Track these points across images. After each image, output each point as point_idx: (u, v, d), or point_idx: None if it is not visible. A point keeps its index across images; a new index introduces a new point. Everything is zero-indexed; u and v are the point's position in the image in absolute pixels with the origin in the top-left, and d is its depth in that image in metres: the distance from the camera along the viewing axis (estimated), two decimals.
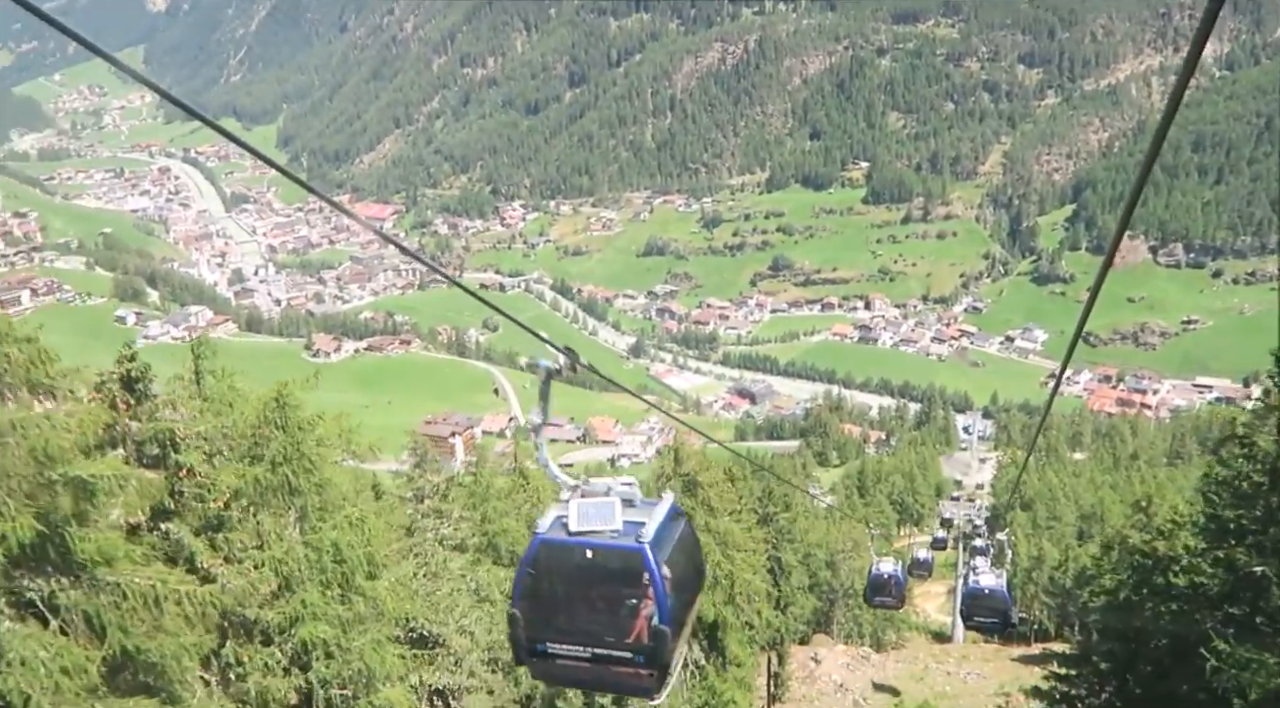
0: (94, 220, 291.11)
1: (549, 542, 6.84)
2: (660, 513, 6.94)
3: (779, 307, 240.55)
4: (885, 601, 29.38)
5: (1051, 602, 53.05)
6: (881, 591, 28.54)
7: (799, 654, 40.89)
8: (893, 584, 28.43)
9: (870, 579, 28.73)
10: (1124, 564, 24.94)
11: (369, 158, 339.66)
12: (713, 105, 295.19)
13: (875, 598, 29.12)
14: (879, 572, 28.35)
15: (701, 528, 26.31)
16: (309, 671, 13.38)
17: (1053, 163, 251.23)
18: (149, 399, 13.17)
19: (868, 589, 29.01)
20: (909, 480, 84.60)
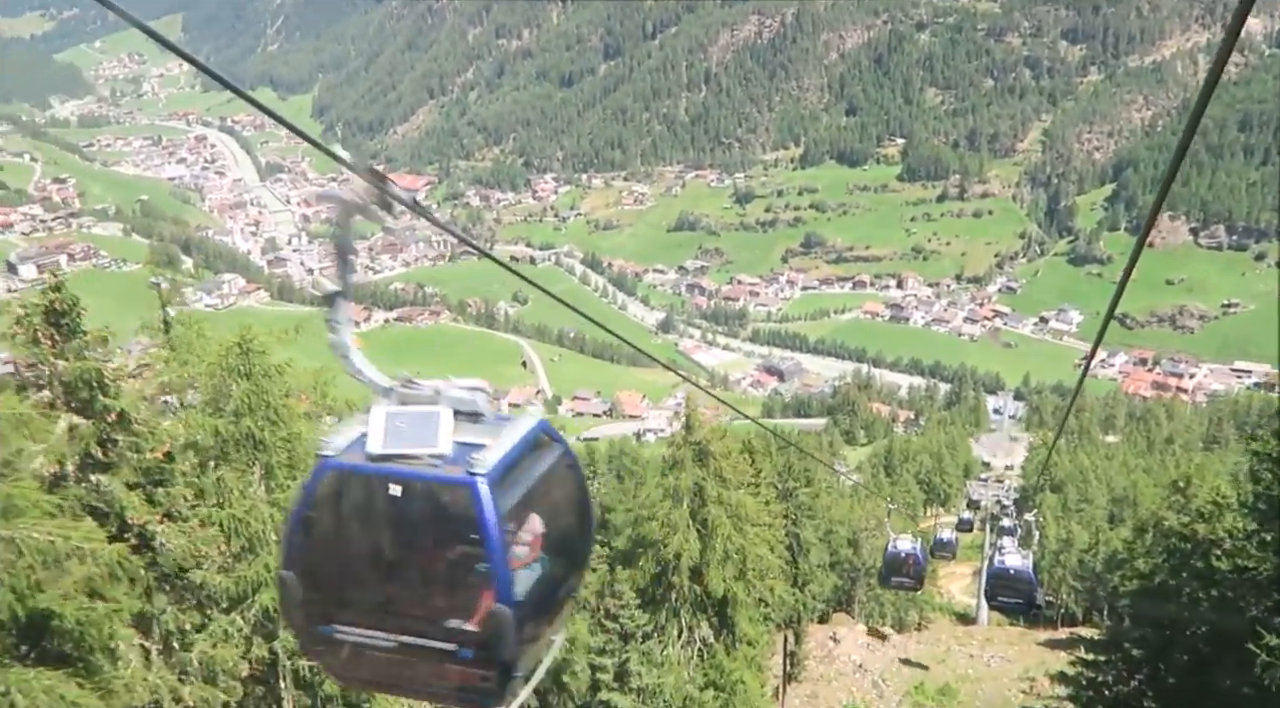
0: (131, 187, 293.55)
1: (339, 470, 4.48)
2: (514, 435, 4.57)
3: (810, 284, 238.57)
4: (902, 581, 26.99)
5: (1080, 586, 51.70)
6: (898, 570, 26.26)
7: (817, 634, 40.00)
8: (911, 564, 26.09)
9: (886, 558, 26.68)
10: (1159, 547, 23.91)
11: (403, 129, 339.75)
12: (748, 79, 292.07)
13: (892, 578, 26.87)
14: (896, 550, 26.28)
15: (713, 500, 25.66)
16: (274, 639, 12.61)
17: (1093, 141, 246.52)
18: (77, 336, 11.88)
19: (883, 569, 27.04)
20: (937, 460, 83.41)
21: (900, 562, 26.55)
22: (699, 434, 26.32)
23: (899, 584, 28.26)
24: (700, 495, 25.89)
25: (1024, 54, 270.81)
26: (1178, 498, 27.44)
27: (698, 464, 26.06)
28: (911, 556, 26.60)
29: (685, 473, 25.83)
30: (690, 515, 25.79)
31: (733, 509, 26.30)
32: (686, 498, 25.91)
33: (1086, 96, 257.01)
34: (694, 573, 25.99)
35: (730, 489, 26.60)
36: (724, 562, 25.81)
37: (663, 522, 25.53)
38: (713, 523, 25.46)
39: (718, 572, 25.59)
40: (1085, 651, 21.45)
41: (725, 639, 27.04)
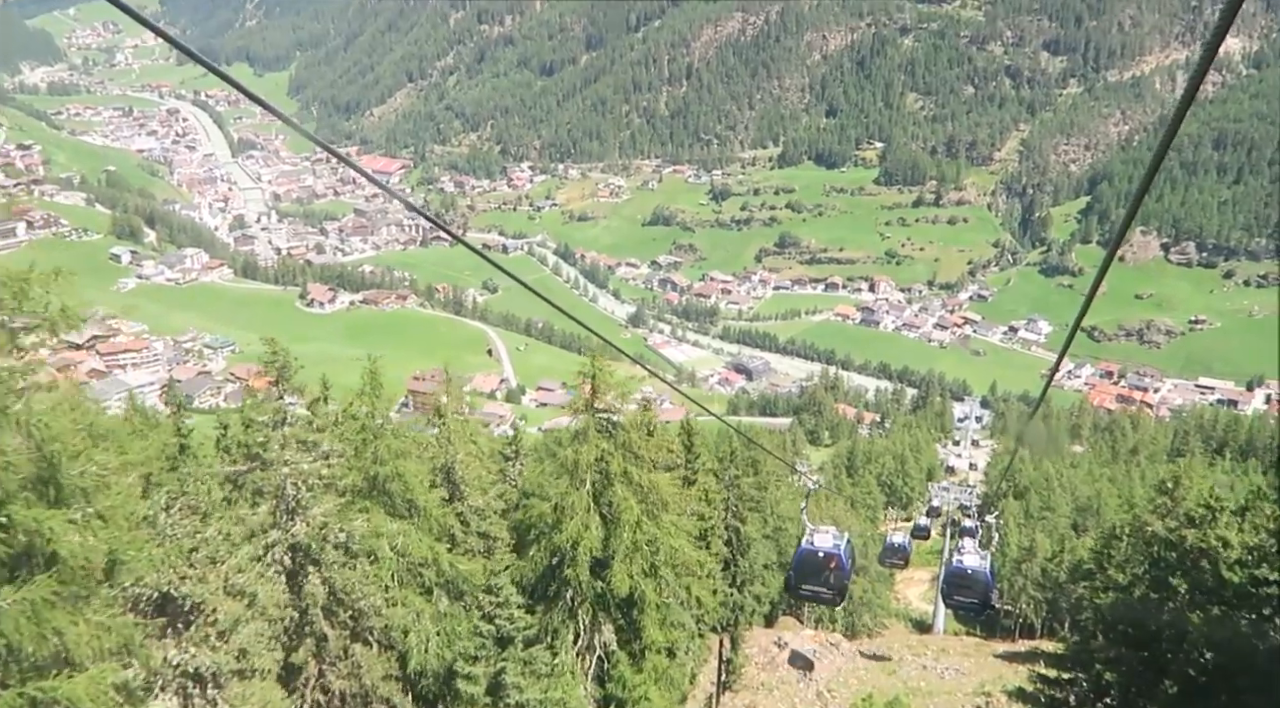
0: (99, 157, 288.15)
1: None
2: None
3: (782, 284, 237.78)
4: (818, 592, 27.48)
5: (1041, 596, 50.02)
6: (814, 575, 26.97)
7: (762, 638, 37.94)
8: (833, 567, 27.59)
9: (798, 557, 27.82)
10: (1139, 556, 22.01)
11: (379, 111, 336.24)
12: (729, 76, 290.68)
13: (802, 587, 27.29)
14: (811, 547, 27.95)
15: (620, 479, 21.63)
16: None
17: (1070, 153, 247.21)
18: None
19: (791, 573, 27.26)
20: (900, 462, 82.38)
21: (817, 564, 19.06)
22: (606, 399, 21.93)
23: (812, 595, 20.17)
24: (605, 474, 21.69)
25: (1005, 63, 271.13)
26: (1164, 501, 25.24)
27: (604, 436, 21.88)
28: (834, 557, 19.25)
29: (587, 446, 21.49)
30: (593, 498, 21.70)
31: (643, 492, 22.22)
32: (588, 476, 21.61)
33: (1065, 108, 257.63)
34: (597, 567, 21.83)
35: (643, 468, 22.44)
36: (632, 554, 21.57)
37: (556, 503, 21.47)
38: (618, 507, 21.33)
39: (623, 566, 21.36)
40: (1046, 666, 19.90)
41: (632, 647, 22.90)
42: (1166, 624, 14.51)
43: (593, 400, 22.04)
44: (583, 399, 22.15)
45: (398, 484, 21.51)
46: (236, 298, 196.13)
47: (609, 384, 22.02)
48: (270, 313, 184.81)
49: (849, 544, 17.91)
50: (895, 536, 33.45)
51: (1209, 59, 3.28)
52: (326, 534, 18.00)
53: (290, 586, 17.93)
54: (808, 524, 17.60)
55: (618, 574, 21.26)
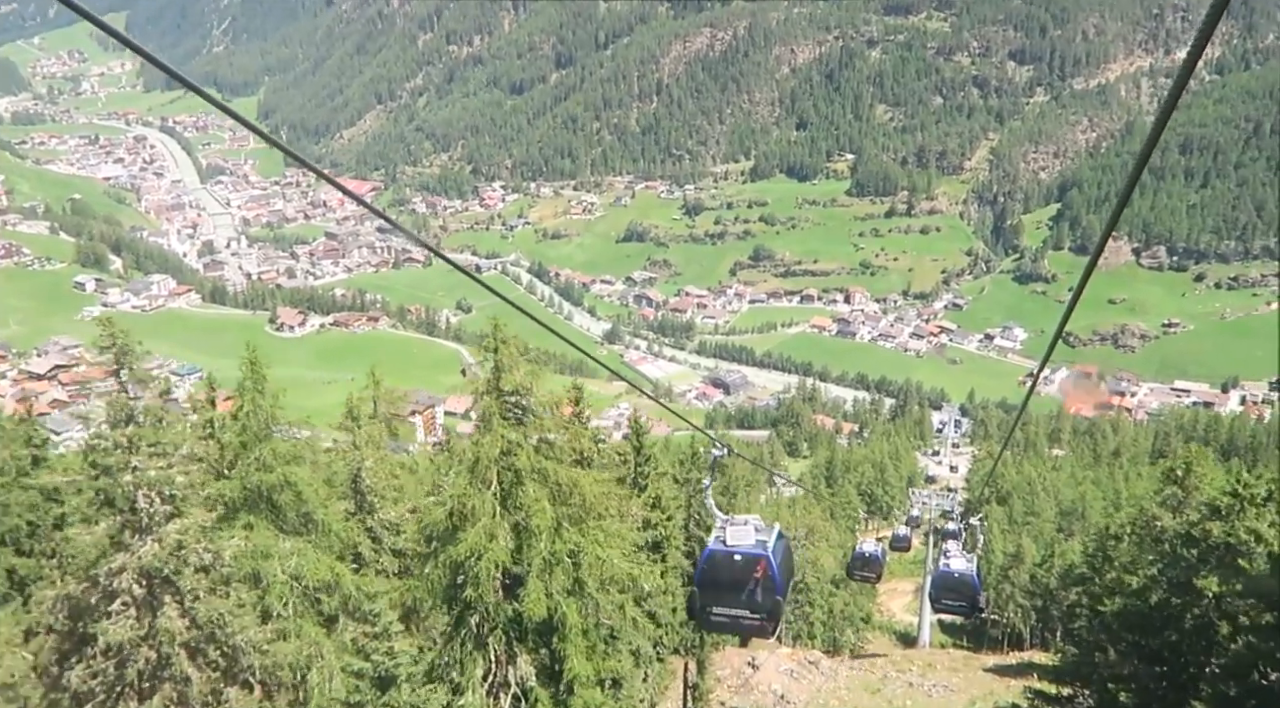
0: (64, 186, 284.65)
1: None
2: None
3: (758, 297, 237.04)
4: (736, 622, 27.62)
5: (1030, 604, 48.51)
6: (726, 594, 27.25)
7: (734, 658, 35.84)
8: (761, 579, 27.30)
9: (701, 564, 27.69)
10: (1149, 555, 19.98)
11: (349, 133, 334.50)
12: (699, 91, 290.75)
13: (711, 613, 27.46)
14: (723, 549, 27.52)
15: (531, 476, 17.85)
16: None
17: (1039, 161, 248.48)
18: None
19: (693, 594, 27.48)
20: (879, 471, 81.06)
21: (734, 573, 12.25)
22: (514, 379, 17.75)
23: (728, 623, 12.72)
24: (515, 471, 17.82)
25: (972, 73, 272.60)
26: (1173, 492, 22.66)
27: (511, 424, 17.87)
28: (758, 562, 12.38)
29: (491, 437, 17.59)
30: (501, 500, 17.90)
31: (565, 494, 18.34)
32: (494, 474, 17.81)
33: (1033, 117, 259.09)
34: (512, 586, 18.36)
35: (560, 461, 18.67)
36: (549, 569, 17.77)
37: (453, 508, 17.64)
38: (530, 511, 17.56)
39: (539, 584, 17.60)
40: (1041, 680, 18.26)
41: (554, 686, 18.78)
42: (1190, 633, 12.60)
43: (497, 381, 17.81)
44: (484, 379, 18.03)
45: (288, 495, 18.81)
46: (204, 324, 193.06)
47: (516, 360, 17.90)
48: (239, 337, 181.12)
49: (782, 542, 11.89)
50: (865, 544, 30.58)
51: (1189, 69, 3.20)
52: (186, 556, 15.26)
53: (140, 619, 15.19)
54: (716, 513, 11.69)
55: (532, 594, 17.45)
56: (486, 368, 18.02)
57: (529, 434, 18.10)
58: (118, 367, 15.92)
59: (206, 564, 15.54)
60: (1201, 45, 3.00)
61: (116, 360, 15.90)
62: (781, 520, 46.09)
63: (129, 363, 15.99)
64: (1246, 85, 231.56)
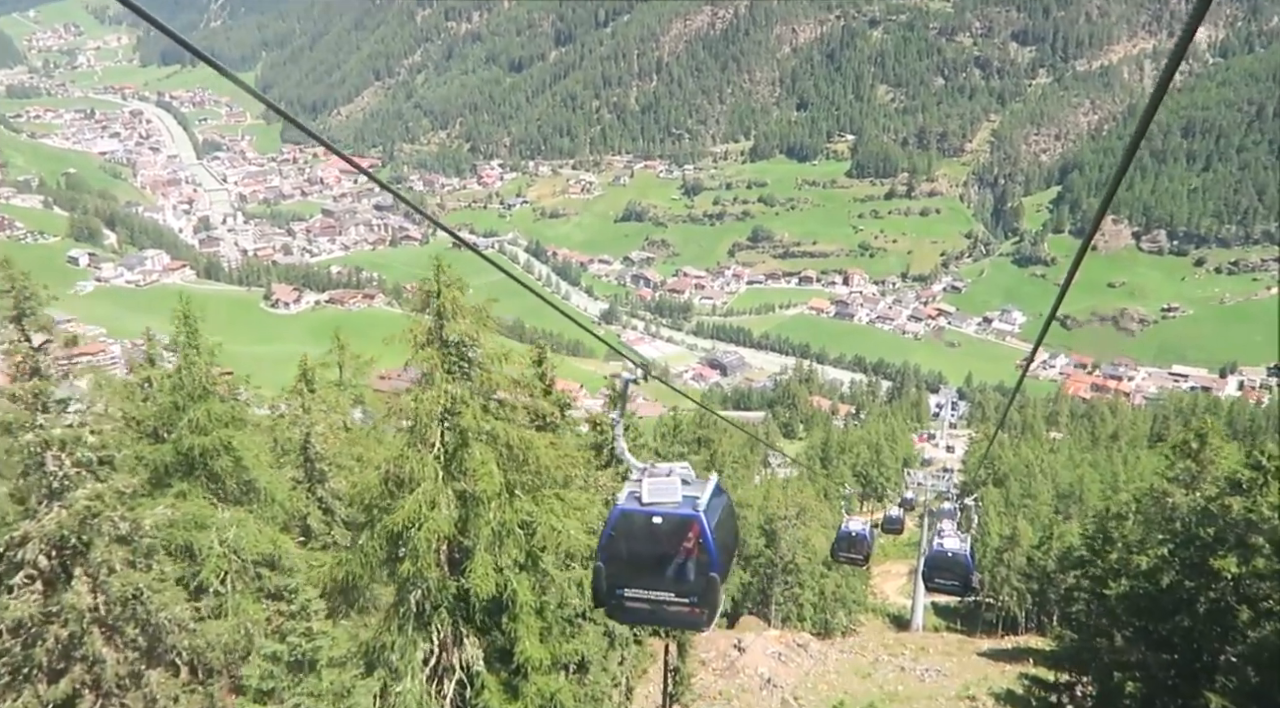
0: (59, 160, 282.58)
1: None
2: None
3: (756, 278, 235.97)
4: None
5: (1025, 587, 47.54)
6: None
7: (720, 641, 34.69)
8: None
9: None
10: (1159, 534, 18.71)
11: (346, 110, 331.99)
12: (700, 70, 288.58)
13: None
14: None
15: (476, 436, 15.88)
16: None
17: (1041, 143, 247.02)
18: None
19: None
20: (875, 452, 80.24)
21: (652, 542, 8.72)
22: (458, 327, 15.66)
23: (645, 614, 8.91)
24: (459, 431, 15.80)
25: (974, 54, 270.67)
26: (1186, 467, 20.96)
27: (456, 378, 15.81)
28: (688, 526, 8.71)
29: (433, 392, 15.65)
30: (444, 464, 15.88)
31: (517, 458, 16.18)
32: (436, 433, 15.83)
33: (1035, 98, 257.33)
34: (458, 559, 16.47)
35: (509, 419, 16.48)
36: (498, 541, 15.80)
37: (388, 472, 15.67)
38: (476, 476, 15.52)
39: (487, 557, 15.61)
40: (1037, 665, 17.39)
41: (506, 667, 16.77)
42: (1205, 618, 11.51)
43: (439, 329, 15.69)
44: (425, 328, 15.88)
45: (225, 460, 17.38)
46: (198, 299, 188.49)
47: (461, 307, 15.78)
48: (233, 314, 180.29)
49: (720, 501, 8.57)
50: (852, 524, 27.80)
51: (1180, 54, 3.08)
52: (100, 524, 13.67)
53: (48, 595, 13.69)
54: (630, 461, 8.51)
55: (479, 568, 15.44)
56: (428, 315, 15.94)
57: (476, 391, 16.11)
58: (18, 313, 14.21)
59: (124, 534, 13.95)
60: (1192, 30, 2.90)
61: (16, 306, 14.16)
62: (774, 500, 45.23)
63: (30, 309, 14.27)
64: (1250, 68, 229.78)
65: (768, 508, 43.65)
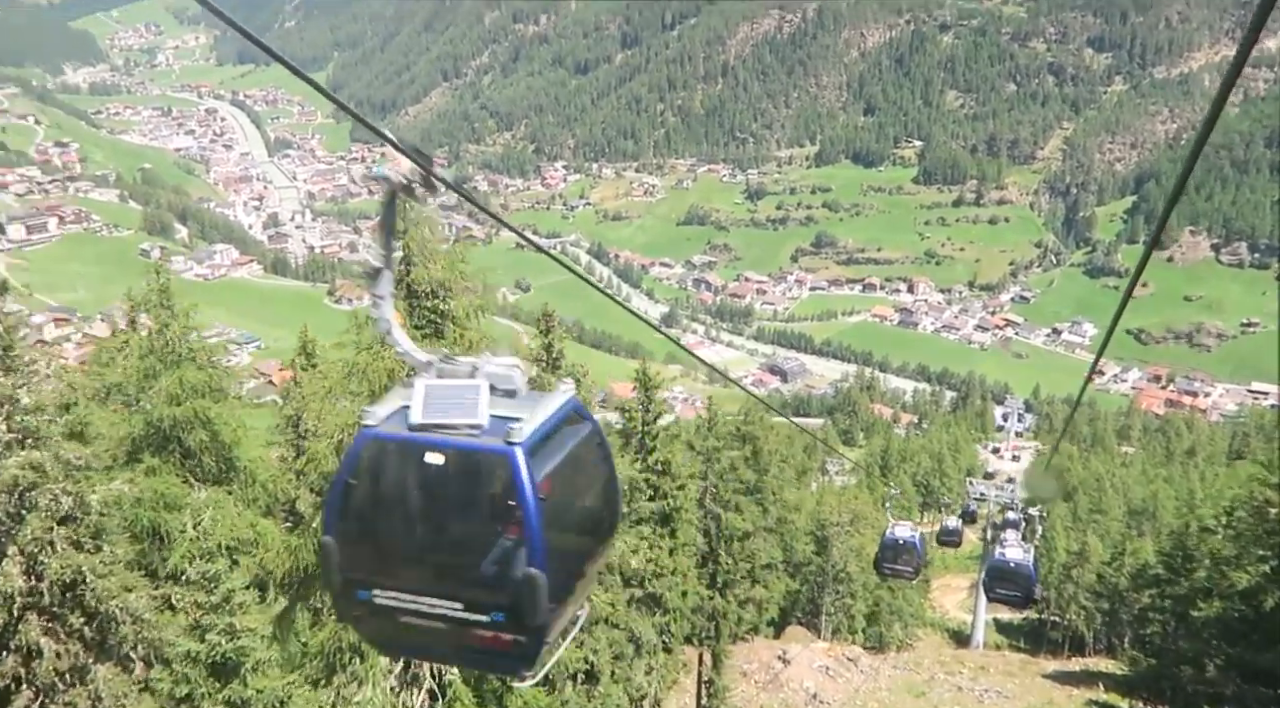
0: (136, 156, 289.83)
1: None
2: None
3: (818, 284, 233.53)
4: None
5: (1094, 605, 45.03)
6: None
7: (763, 652, 32.72)
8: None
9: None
10: (1255, 549, 16.91)
11: (414, 110, 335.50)
12: (766, 74, 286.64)
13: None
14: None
15: None
16: None
17: (1115, 152, 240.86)
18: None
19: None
20: (937, 461, 78.05)
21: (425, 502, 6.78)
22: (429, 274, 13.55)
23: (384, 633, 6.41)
24: None
25: (1048, 60, 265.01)
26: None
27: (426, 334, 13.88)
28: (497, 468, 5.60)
29: None
30: None
31: None
32: None
33: (1110, 106, 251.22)
34: None
35: None
36: None
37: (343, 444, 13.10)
38: None
39: None
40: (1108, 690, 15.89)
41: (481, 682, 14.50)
42: None
43: (407, 275, 13.79)
44: None
45: (200, 434, 15.89)
46: (264, 294, 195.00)
47: (433, 252, 13.73)
48: (297, 308, 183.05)
49: (571, 431, 4.93)
50: (899, 529, 24.31)
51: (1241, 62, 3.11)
52: (35, 498, 12.20)
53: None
54: (406, 348, 5.00)
55: None
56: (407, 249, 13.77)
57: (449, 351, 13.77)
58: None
59: (66, 511, 12.52)
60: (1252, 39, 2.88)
61: None
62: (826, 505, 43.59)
63: None
64: None
65: (820, 513, 42.12)
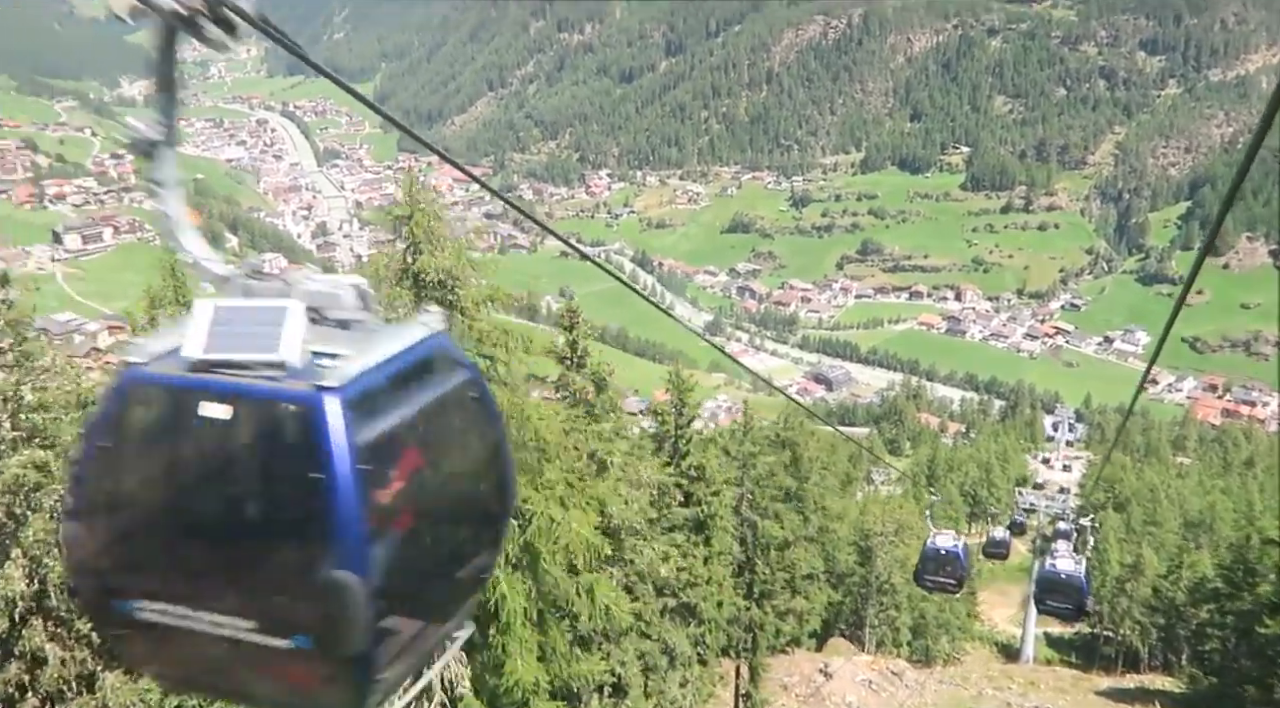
0: (189, 166, 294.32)
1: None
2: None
3: (864, 292, 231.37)
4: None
5: (1149, 620, 43.60)
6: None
7: (804, 664, 31.96)
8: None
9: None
10: None
11: (460, 119, 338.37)
12: (811, 80, 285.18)
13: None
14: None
15: None
16: None
17: (1169, 156, 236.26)
18: None
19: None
20: (985, 471, 76.54)
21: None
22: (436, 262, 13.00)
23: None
24: None
25: (1099, 64, 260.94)
26: None
27: None
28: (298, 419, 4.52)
29: None
30: None
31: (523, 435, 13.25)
32: None
33: (1164, 110, 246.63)
34: None
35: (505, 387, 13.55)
36: None
37: None
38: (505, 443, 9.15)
39: None
40: None
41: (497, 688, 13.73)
42: None
43: (412, 263, 13.02)
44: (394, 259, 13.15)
45: None
46: None
47: (440, 237, 13.10)
48: None
49: (430, 382, 3.40)
50: (941, 538, 23.23)
51: None
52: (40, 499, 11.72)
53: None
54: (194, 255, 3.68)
55: None
56: (398, 245, 13.04)
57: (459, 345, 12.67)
58: None
59: None
60: None
61: None
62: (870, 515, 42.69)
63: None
64: None
65: (864, 523, 41.13)
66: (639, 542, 17.76)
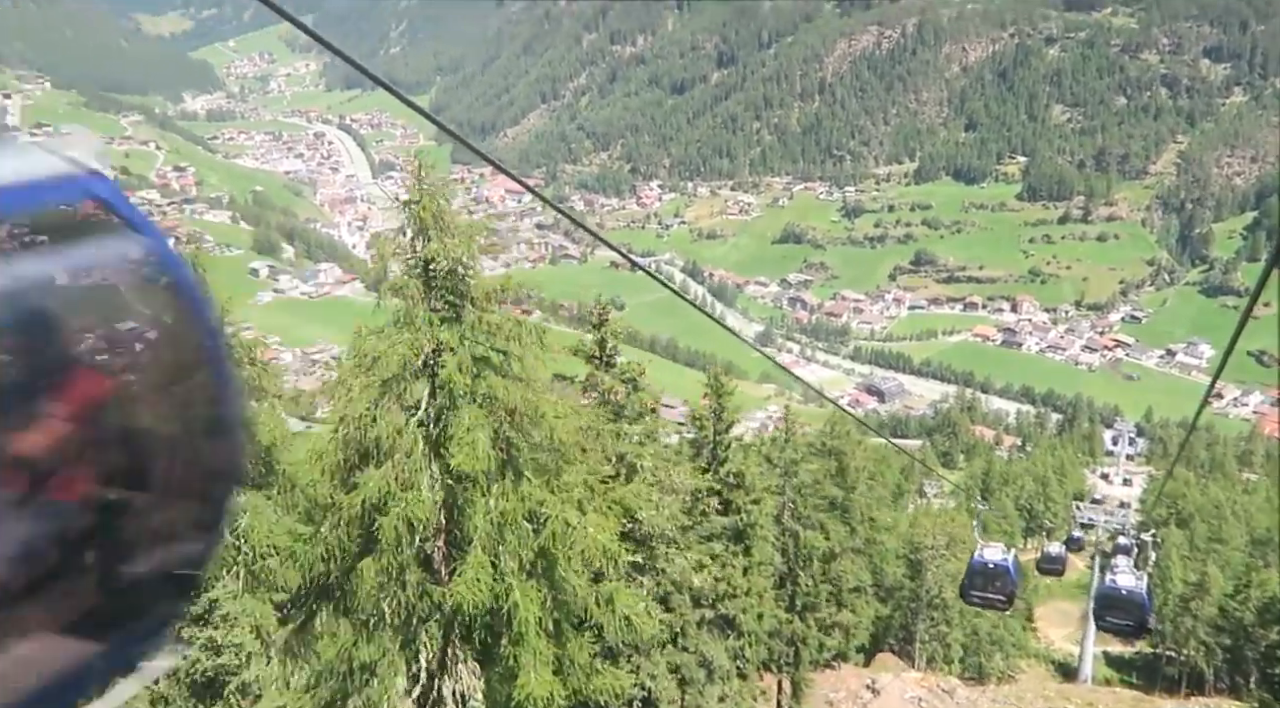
0: (248, 179, 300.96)
1: None
2: None
3: (918, 303, 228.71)
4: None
5: (1214, 640, 41.68)
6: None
7: (851, 679, 31.21)
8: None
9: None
10: None
11: (513, 132, 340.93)
12: (864, 91, 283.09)
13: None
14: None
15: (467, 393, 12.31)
16: None
17: (1234, 166, 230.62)
18: None
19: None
20: (1041, 485, 74.83)
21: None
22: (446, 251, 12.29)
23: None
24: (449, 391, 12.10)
25: (1161, 72, 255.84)
26: None
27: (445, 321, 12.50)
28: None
29: (412, 334, 12.30)
30: (427, 432, 12.26)
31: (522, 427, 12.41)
32: (416, 388, 12.25)
33: (1229, 118, 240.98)
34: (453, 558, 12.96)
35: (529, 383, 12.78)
36: (495, 535, 12.13)
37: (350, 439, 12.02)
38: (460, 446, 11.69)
39: (479, 558, 11.95)
40: None
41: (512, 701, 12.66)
42: None
43: (418, 246, 12.26)
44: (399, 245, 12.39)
45: None
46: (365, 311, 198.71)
47: (449, 222, 12.39)
48: None
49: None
50: (988, 551, 21.44)
51: None
52: None
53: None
54: None
55: (469, 571, 11.80)
56: (404, 233, 12.56)
57: (469, 337, 12.62)
58: None
59: None
60: None
61: None
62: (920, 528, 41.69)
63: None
64: None
65: (914, 536, 40.08)
66: (670, 550, 17.40)
